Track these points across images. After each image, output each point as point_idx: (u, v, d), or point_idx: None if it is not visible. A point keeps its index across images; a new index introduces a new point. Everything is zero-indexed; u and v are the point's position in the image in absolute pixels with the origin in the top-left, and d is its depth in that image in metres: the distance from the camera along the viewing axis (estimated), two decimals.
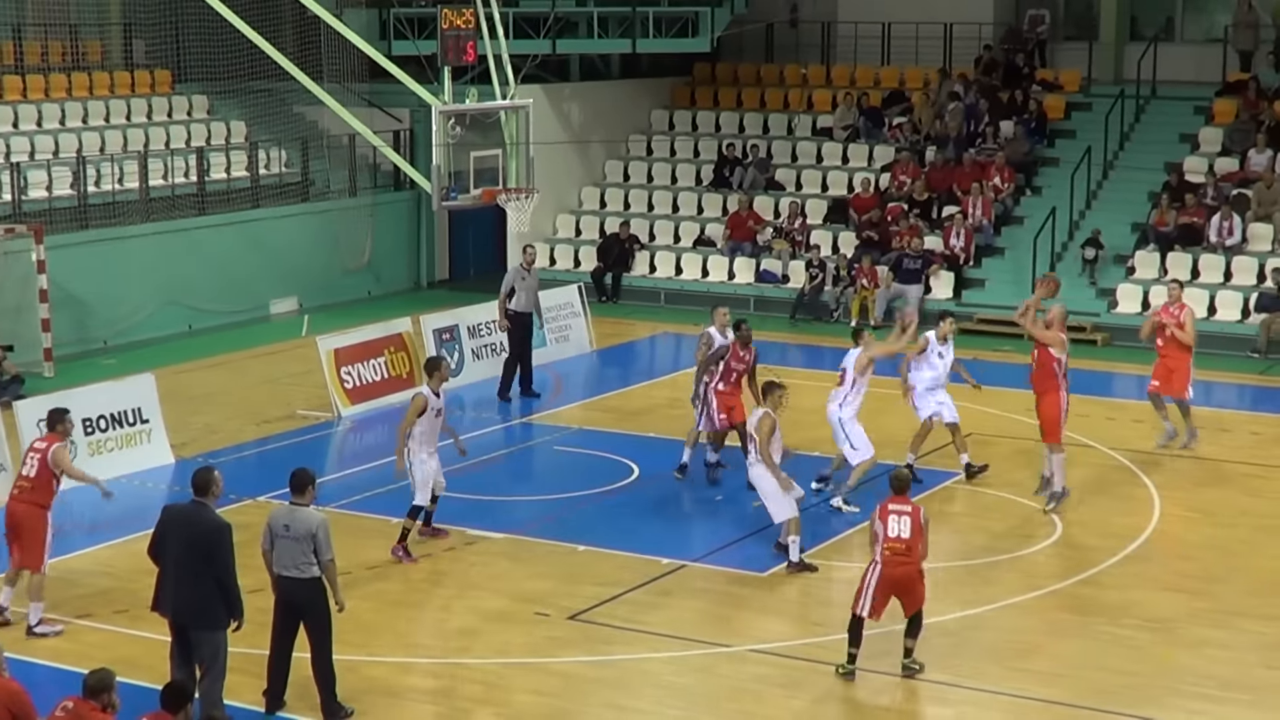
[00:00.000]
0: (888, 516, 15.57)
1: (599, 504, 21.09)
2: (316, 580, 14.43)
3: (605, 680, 15.74)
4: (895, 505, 15.62)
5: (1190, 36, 38.82)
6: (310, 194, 35.04)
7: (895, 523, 15.50)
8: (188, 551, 13.83)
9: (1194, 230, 32.24)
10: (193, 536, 13.83)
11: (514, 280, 26.42)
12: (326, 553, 14.36)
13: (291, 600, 14.47)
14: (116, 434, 22.35)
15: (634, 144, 39.10)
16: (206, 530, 13.84)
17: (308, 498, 14.60)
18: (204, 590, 13.74)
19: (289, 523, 14.40)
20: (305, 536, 14.29)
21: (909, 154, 35.91)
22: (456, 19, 26.87)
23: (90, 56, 34.79)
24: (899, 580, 15.48)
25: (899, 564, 15.45)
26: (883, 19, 39.00)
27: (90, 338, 29.84)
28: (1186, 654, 16.35)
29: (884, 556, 15.49)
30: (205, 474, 14.22)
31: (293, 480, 14.67)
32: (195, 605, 13.81)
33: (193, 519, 13.97)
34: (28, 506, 16.75)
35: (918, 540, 15.49)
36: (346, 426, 24.97)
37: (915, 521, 15.51)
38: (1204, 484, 22.12)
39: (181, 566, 13.86)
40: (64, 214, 30.12)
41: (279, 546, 14.41)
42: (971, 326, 31.77)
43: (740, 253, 34.94)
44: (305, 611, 14.51)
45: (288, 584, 14.43)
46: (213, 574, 13.73)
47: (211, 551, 13.75)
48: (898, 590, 15.53)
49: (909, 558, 15.45)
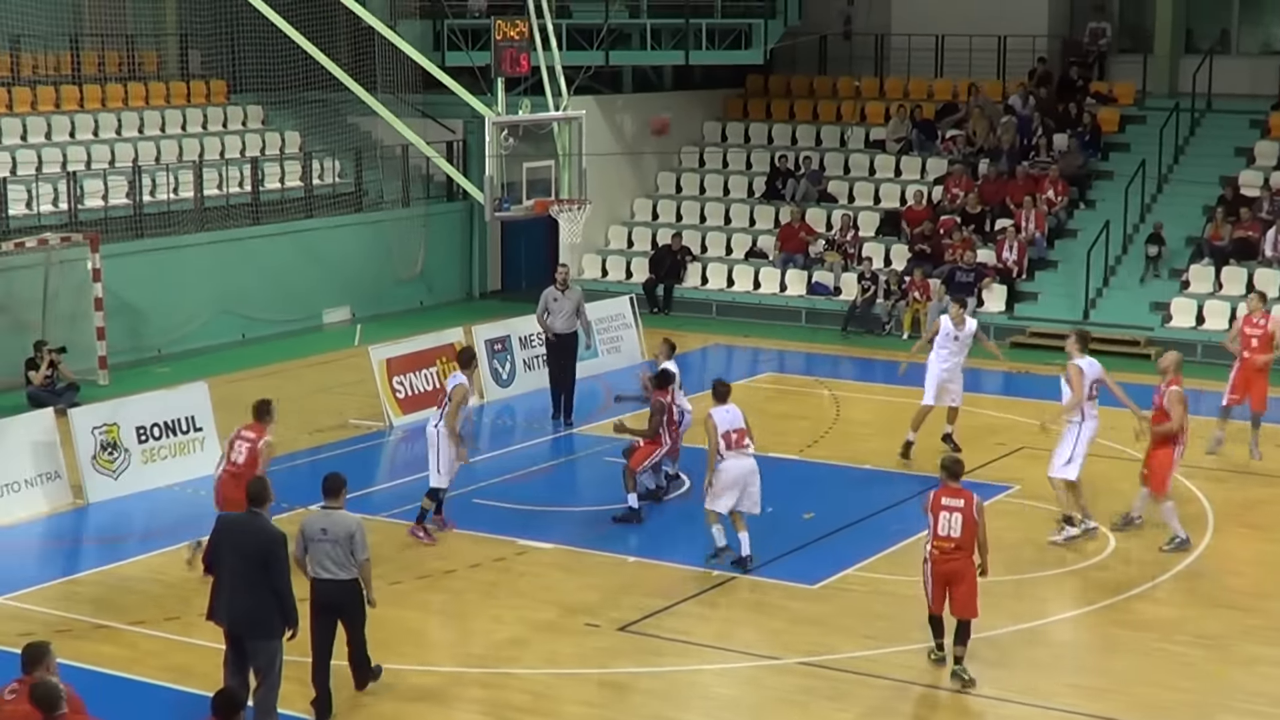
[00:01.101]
0: (940, 512, 15.62)
1: (649, 515, 21.08)
2: (354, 581, 14.71)
3: (654, 691, 15.74)
4: (948, 499, 15.64)
5: (1246, 49, 38.61)
6: (363, 204, 35.19)
7: (946, 520, 15.57)
8: (244, 561, 13.92)
9: (1249, 244, 32.07)
10: (249, 546, 13.92)
11: (546, 301, 25.76)
12: (363, 553, 14.67)
13: (330, 601, 14.72)
14: (169, 442, 22.50)
15: (687, 155, 39.13)
16: (263, 540, 13.93)
17: (341, 500, 14.91)
18: (260, 599, 13.82)
19: (326, 526, 14.67)
20: (344, 538, 14.59)
21: (962, 166, 35.82)
22: (510, 30, 26.92)
23: (146, 66, 35.02)
24: (949, 574, 15.63)
25: (947, 560, 15.59)
26: (936, 31, 38.94)
27: (144, 346, 30.03)
28: (1238, 670, 16.25)
29: (933, 555, 15.64)
30: (260, 484, 14.38)
31: (326, 484, 14.98)
32: (251, 615, 13.89)
33: (249, 529, 14.06)
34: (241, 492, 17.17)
35: (970, 536, 15.55)
36: (398, 436, 25.05)
37: (968, 516, 15.53)
38: (1257, 500, 21.98)
39: (237, 576, 13.96)
40: (119, 223, 30.32)
41: (315, 550, 14.65)
42: (1024, 340, 31.72)
43: (792, 265, 34.91)
44: (344, 611, 14.79)
45: (326, 586, 14.68)
46: (269, 584, 13.80)
47: (268, 561, 13.83)
48: (949, 582, 15.66)
49: (958, 555, 15.57)
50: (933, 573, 15.67)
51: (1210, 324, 30.90)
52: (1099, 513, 20.30)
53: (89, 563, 19.52)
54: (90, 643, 16.55)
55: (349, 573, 14.66)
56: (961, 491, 15.68)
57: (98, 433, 21.69)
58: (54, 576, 18.94)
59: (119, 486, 21.70)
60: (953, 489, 15.70)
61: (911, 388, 23.78)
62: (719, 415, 18.90)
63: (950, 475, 15.79)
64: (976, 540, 15.62)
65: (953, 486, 15.72)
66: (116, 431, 21.88)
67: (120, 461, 21.84)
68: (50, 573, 19.15)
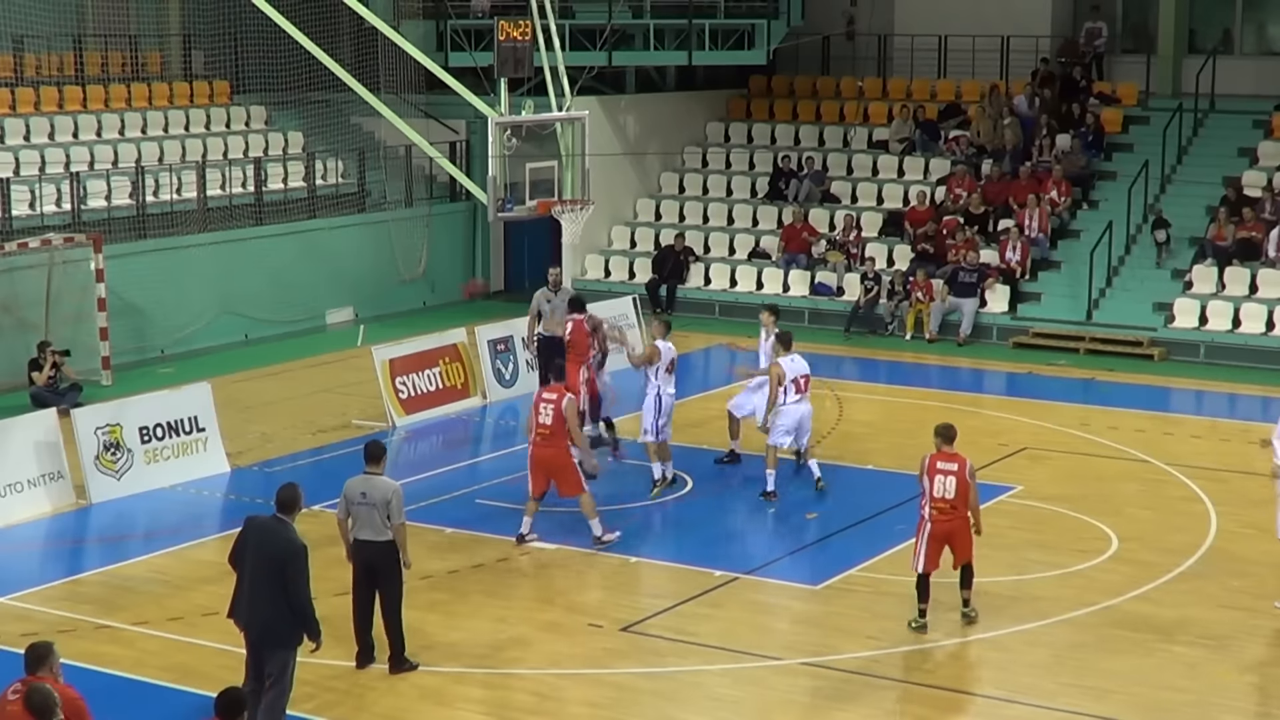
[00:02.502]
0: (935, 475, 16.59)
1: (652, 515, 21.10)
2: (390, 543, 15.51)
3: (657, 692, 15.75)
4: (942, 462, 16.61)
5: (1249, 50, 38.58)
6: (366, 204, 35.20)
7: (941, 482, 16.54)
8: (264, 566, 13.87)
9: (1252, 245, 32.05)
10: (270, 552, 13.87)
11: (539, 303, 24.64)
12: (398, 517, 15.50)
13: (368, 561, 15.60)
14: (172, 442, 22.49)
15: (689, 156, 39.13)
16: (282, 550, 13.82)
17: (381, 467, 15.75)
18: (277, 609, 13.76)
19: (365, 490, 15.51)
20: (381, 503, 15.42)
21: (965, 167, 35.81)
22: (513, 31, 26.94)
23: (150, 67, 35.02)
24: (947, 534, 16.69)
25: (945, 521, 16.62)
26: (939, 31, 38.93)
27: (148, 346, 30.04)
28: (1242, 672, 16.24)
29: (931, 515, 16.64)
30: (291, 490, 14.20)
31: (368, 450, 15.83)
32: (267, 622, 13.84)
33: (273, 534, 13.97)
34: (554, 450, 19.20)
35: (963, 497, 16.54)
36: (401, 436, 25.06)
37: (961, 479, 16.50)
38: (1261, 500, 21.92)
39: (257, 580, 13.91)
40: (122, 223, 30.33)
41: (356, 514, 15.55)
42: (1027, 340, 31.72)
43: (795, 265, 34.91)
44: (379, 571, 15.60)
45: (365, 547, 15.58)
46: (285, 595, 13.75)
47: (285, 572, 13.75)
48: (948, 542, 16.73)
49: (954, 514, 16.58)
50: (930, 533, 16.63)
51: (1213, 324, 30.89)
52: (1077, 501, 20.21)
53: (92, 563, 19.54)
54: (93, 643, 16.56)
55: (385, 535, 15.47)
56: (955, 455, 16.63)
57: (101, 433, 21.69)
58: (57, 577, 18.94)
59: (122, 487, 21.70)
60: (947, 453, 16.64)
61: (914, 388, 23.79)
62: (785, 364, 21.03)
63: (944, 440, 16.72)
64: (969, 502, 16.56)
65: (947, 451, 16.66)
66: (119, 432, 21.88)
67: (123, 462, 21.84)
68: (53, 573, 19.16)
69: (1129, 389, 27.88)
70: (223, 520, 21.06)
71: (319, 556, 18.84)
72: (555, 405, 19.20)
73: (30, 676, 11.55)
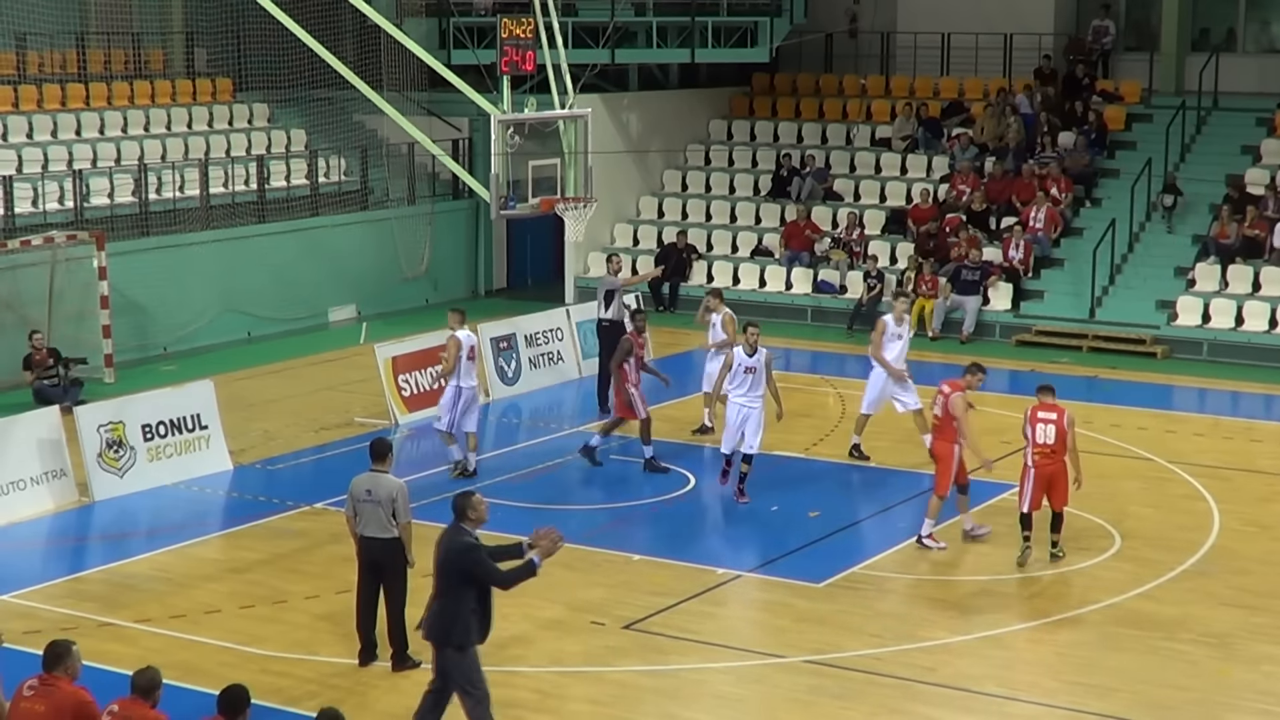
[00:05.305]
0: (1036, 424, 18.38)
1: (654, 513, 21.10)
2: (396, 540, 15.57)
3: (660, 690, 15.74)
4: (1043, 412, 18.41)
5: (1252, 47, 38.56)
6: (369, 202, 35.21)
7: (1042, 430, 18.32)
8: (437, 569, 13.58)
9: (1255, 243, 32.04)
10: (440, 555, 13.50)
11: (610, 287, 26.22)
12: (404, 515, 15.57)
13: (374, 558, 15.63)
14: (175, 440, 22.48)
15: (692, 154, 39.12)
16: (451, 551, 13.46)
17: (387, 464, 15.81)
18: (442, 607, 13.46)
19: (371, 488, 15.57)
20: (386, 500, 15.49)
21: (968, 165, 35.79)
22: (516, 28, 26.94)
23: (152, 65, 35.02)
24: (1048, 477, 18.46)
25: (1046, 464, 18.41)
26: (942, 29, 38.91)
27: (150, 344, 30.04)
28: (1244, 670, 16.23)
29: (1035, 460, 18.41)
30: (464, 498, 13.63)
31: (374, 448, 15.89)
32: (432, 621, 13.57)
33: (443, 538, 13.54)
34: (942, 443, 19.38)
35: (1061, 442, 18.26)
36: (404, 434, 25.05)
37: (1060, 427, 18.25)
38: (1263, 498, 21.97)
39: (435, 583, 13.63)
40: (125, 221, 30.33)
41: (362, 511, 15.58)
42: (1030, 338, 31.72)
43: (798, 263, 34.90)
44: (385, 568, 15.63)
45: (370, 544, 15.61)
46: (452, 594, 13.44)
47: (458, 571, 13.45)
48: (1049, 486, 18.47)
49: (1054, 458, 18.34)
50: (1035, 476, 18.41)
51: (1216, 322, 30.88)
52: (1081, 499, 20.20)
53: (94, 560, 19.53)
54: (95, 640, 16.52)
55: (390, 533, 15.54)
56: (1055, 406, 18.43)
57: (103, 430, 21.69)
58: (59, 574, 18.93)
59: (124, 484, 21.70)
60: (1047, 404, 18.47)
61: (917, 386, 23.69)
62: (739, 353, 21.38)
63: (1047, 392, 18.57)
64: (1068, 449, 18.24)
65: (1047, 402, 18.48)
66: (122, 429, 21.88)
67: (126, 459, 21.84)
68: (56, 570, 19.15)
69: (1132, 387, 27.87)
70: (225, 518, 21.09)
71: (322, 554, 18.99)
72: (945, 399, 19.19)
73: (48, 674, 11.61)
